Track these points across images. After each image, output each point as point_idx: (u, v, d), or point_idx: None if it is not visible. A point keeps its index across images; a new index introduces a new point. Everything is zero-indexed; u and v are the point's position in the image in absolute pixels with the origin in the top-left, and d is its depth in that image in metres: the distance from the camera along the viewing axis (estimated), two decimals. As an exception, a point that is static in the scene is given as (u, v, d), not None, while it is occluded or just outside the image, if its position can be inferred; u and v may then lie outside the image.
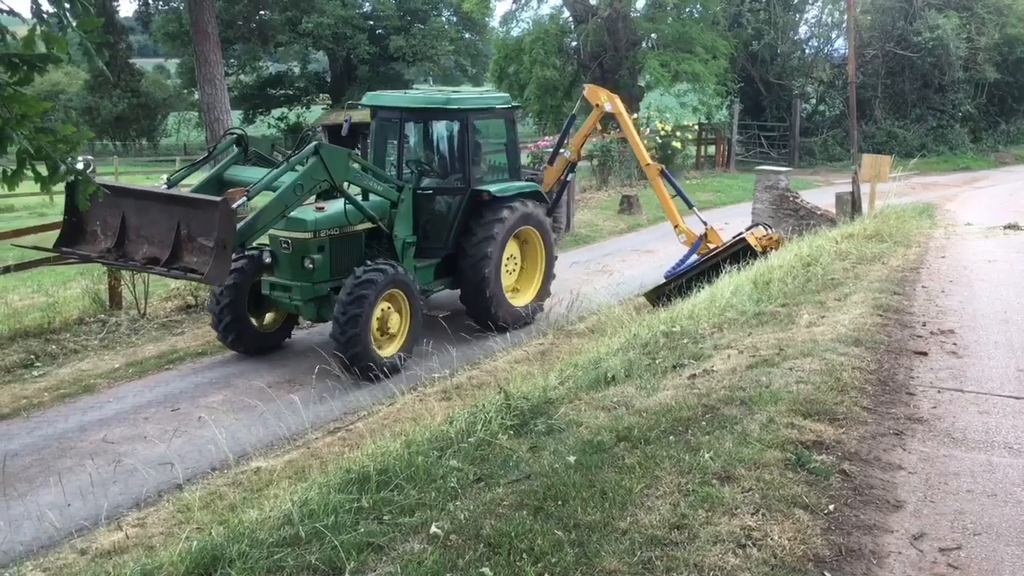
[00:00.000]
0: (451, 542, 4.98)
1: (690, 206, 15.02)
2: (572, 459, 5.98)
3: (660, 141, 29.58)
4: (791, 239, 15.17)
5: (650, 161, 15.27)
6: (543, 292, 14.23)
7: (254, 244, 11.45)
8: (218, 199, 9.17)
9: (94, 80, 46.99)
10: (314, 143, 10.76)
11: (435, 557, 4.80)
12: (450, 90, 13.92)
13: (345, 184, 11.31)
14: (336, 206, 11.59)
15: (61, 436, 9.63)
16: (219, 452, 8.39)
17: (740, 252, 13.50)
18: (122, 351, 12.44)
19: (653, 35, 35.19)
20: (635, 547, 4.80)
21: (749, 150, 37.58)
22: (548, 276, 14.29)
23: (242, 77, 53.28)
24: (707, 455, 5.82)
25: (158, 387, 11.05)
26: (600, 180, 27.94)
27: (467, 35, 57.70)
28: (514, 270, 13.96)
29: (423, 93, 13.78)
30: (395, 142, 13.02)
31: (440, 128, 13.47)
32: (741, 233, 14.04)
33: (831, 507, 5.22)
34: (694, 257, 14.49)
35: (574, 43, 36.48)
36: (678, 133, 30.35)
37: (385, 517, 5.37)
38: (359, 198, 11.76)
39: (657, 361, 8.31)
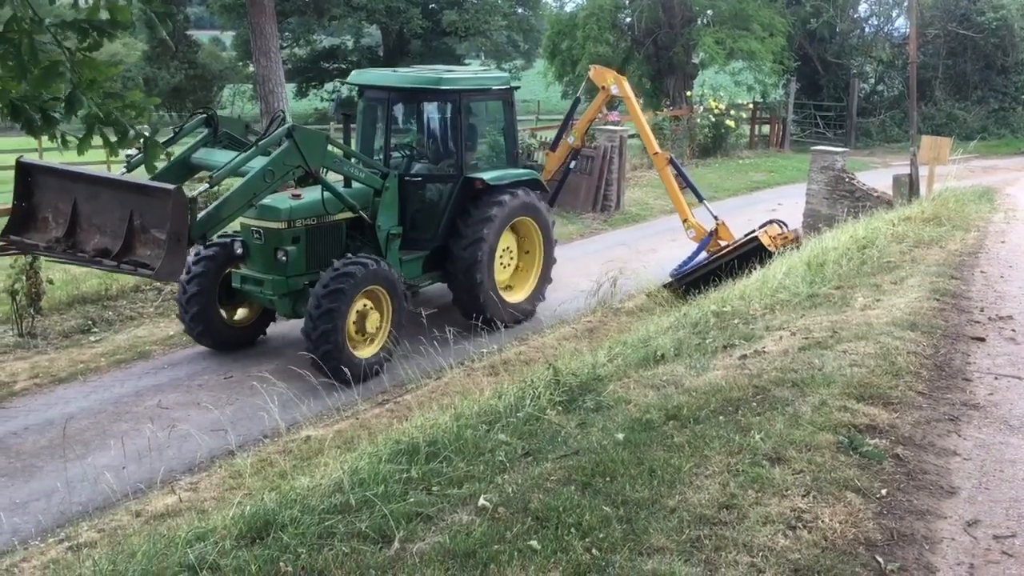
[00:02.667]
0: (499, 514, 5.01)
1: (700, 199, 14.19)
2: (620, 436, 5.98)
3: (713, 120, 29.21)
4: (846, 220, 14.94)
5: (658, 149, 14.46)
6: (541, 287, 13.27)
7: (229, 233, 10.88)
8: (171, 187, 8.29)
9: (152, 51, 47.57)
10: (287, 125, 9.94)
11: (483, 529, 4.84)
12: (443, 69, 12.98)
13: (324, 171, 10.45)
14: (314, 194, 10.68)
15: (117, 400, 9.84)
16: (270, 420, 8.52)
17: (752, 252, 12.63)
18: (177, 319, 12.62)
19: (709, 12, 34.66)
20: (683, 525, 4.80)
21: (804, 130, 36.98)
22: (547, 270, 13.28)
23: (296, 50, 53.49)
24: (757, 436, 5.79)
25: (212, 355, 11.21)
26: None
27: (520, 10, 57.31)
28: (509, 264, 12.96)
29: (414, 71, 12.69)
30: (383, 124, 12.08)
31: (431, 110, 12.58)
32: (754, 231, 13.15)
33: (883, 491, 5.17)
34: (703, 255, 13.59)
35: (628, 19, 36.05)
36: (732, 112, 29.94)
37: (434, 488, 5.42)
38: (340, 185, 11.00)
39: (707, 341, 8.26)
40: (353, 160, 11.09)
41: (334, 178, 10.88)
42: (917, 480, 5.37)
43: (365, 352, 10.56)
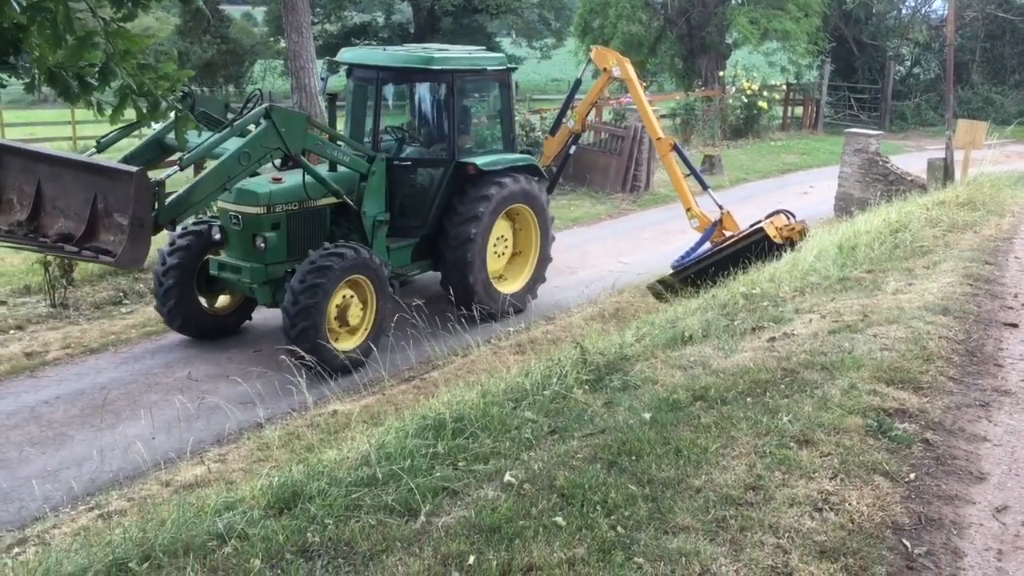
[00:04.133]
0: (525, 491, 5.03)
1: (704, 187, 13.45)
2: (647, 416, 5.98)
3: (745, 101, 28.96)
4: (879, 204, 14.78)
5: (661, 135, 13.66)
6: (537, 277, 12.65)
7: (207, 217, 10.64)
8: (133, 169, 7.80)
9: (184, 26, 47.76)
10: (265, 105, 9.46)
11: (509, 504, 4.86)
12: (435, 48, 12.21)
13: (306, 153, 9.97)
14: (296, 178, 10.11)
15: (147, 372, 9.94)
16: (298, 394, 8.57)
17: (757, 243, 11.91)
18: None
19: (743, -9, 34.38)
20: (709, 505, 4.79)
21: (838, 112, 36.61)
22: (544, 260, 12.67)
23: (327, 26, 53.56)
24: (785, 418, 5.77)
25: (241, 328, 11.29)
26: (682, 139, 27.48)
27: (552, -12, 57.03)
28: (504, 253, 12.38)
29: (404, 51, 11.95)
30: (372, 106, 11.43)
31: (422, 91, 12.01)
32: (759, 222, 12.38)
33: (912, 476, 5.14)
34: (707, 246, 12.87)
35: (661, -2, 35.84)
36: (765, 93, 29.67)
37: (460, 463, 5.45)
38: (325, 169, 10.49)
39: (736, 322, 8.22)
40: (338, 143, 10.61)
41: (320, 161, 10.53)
42: (946, 465, 5.33)
43: (347, 344, 10.11)
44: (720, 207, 12.89)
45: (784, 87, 33.56)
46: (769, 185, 22.79)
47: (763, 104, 29.47)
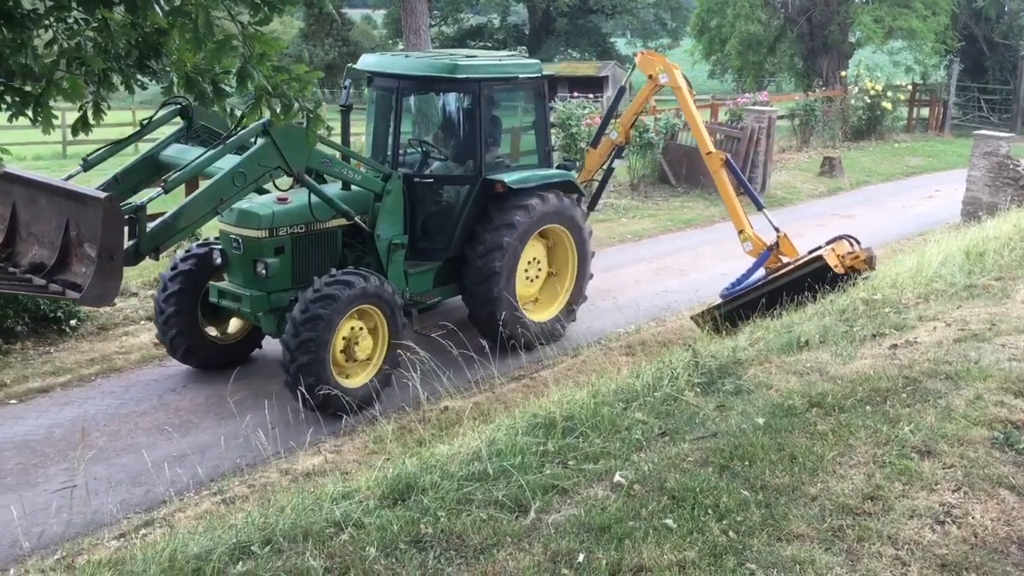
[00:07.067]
0: (634, 492, 5.03)
1: (759, 206, 12.02)
2: (761, 421, 5.90)
3: (868, 101, 28.14)
4: (1009, 209, 14.19)
5: (712, 149, 12.27)
6: (573, 304, 11.38)
7: (210, 240, 9.93)
8: (101, 195, 6.95)
9: (308, 29, 49.23)
10: (262, 120, 7.64)
11: (618, 504, 4.87)
12: (462, 54, 11.15)
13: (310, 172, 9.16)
14: (303, 198, 9.19)
15: (269, 363, 10.23)
16: (412, 390, 8.71)
17: (815, 273, 10.52)
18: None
19: (868, -12, 33.45)
20: (825, 514, 4.71)
21: (967, 114, 35.24)
22: (581, 285, 11.40)
23: (444, 28, 54.41)
24: (906, 428, 5.61)
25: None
26: (800, 140, 26.86)
27: (668, -12, 56.64)
28: (537, 277, 11.17)
29: (429, 56, 11.02)
30: (393, 118, 10.34)
31: (447, 101, 10.97)
32: (819, 248, 10.94)
33: (1041, 491, 4.93)
34: (760, 272, 11.48)
35: (782, -4, 35.18)
36: (889, 93, 28.75)
37: (570, 462, 5.49)
38: (337, 188, 9.61)
39: (855, 329, 8.02)
40: (349, 160, 9.80)
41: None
42: (1079, 482, 5.10)
43: (356, 380, 9.26)
44: (777, 229, 11.58)
45: (909, 87, 32.48)
46: (891, 188, 22.11)
47: (887, 105, 28.57)
